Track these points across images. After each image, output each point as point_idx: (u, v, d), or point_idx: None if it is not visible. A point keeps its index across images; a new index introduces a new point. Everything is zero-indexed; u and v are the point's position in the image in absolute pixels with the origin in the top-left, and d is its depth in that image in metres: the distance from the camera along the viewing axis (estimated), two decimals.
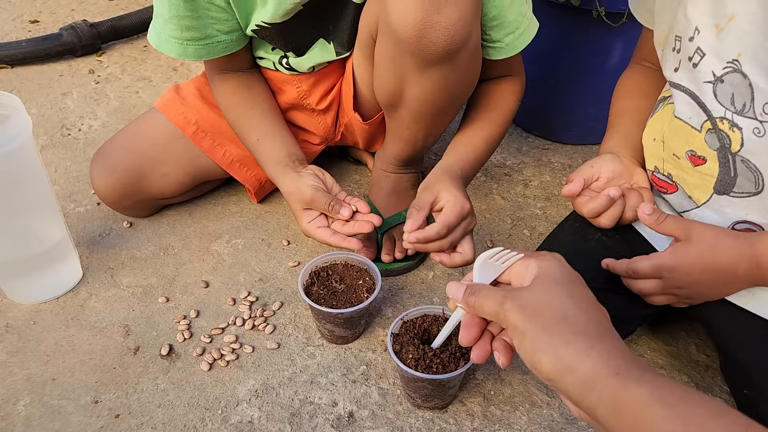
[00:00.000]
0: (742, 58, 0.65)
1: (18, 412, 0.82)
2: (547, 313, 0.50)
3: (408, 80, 0.87)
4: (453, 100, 0.92)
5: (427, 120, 0.94)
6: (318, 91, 1.08)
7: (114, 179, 1.04)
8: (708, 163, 0.72)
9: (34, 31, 1.82)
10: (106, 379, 0.86)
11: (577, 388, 0.47)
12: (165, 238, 1.11)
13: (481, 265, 0.60)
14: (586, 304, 0.52)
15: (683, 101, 0.73)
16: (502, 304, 0.53)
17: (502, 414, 0.82)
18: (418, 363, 0.76)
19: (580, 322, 0.50)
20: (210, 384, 0.86)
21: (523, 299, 0.52)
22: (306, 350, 0.91)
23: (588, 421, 0.49)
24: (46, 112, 1.46)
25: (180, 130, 1.08)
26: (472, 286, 0.58)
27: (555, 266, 0.55)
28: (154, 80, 1.60)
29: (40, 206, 0.93)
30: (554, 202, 1.20)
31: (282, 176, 0.97)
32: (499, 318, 0.54)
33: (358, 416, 0.82)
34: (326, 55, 1.01)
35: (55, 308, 0.97)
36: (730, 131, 0.68)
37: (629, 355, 0.48)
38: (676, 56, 0.73)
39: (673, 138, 0.75)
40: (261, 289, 1.00)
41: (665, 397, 0.43)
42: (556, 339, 0.49)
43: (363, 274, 0.91)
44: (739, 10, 0.65)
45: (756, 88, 0.65)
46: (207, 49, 0.95)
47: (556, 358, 0.48)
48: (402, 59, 0.84)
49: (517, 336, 0.51)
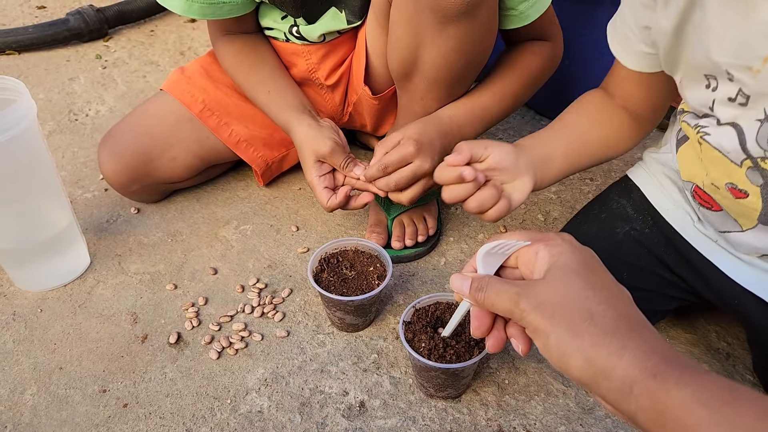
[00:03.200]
0: None
1: (25, 401, 0.81)
2: (570, 312, 0.46)
3: (425, 42, 0.83)
4: (468, 64, 0.88)
5: (441, 88, 0.90)
6: (327, 65, 1.06)
7: (122, 163, 1.03)
8: (750, 197, 0.66)
9: (41, 17, 1.80)
10: (114, 367, 0.85)
11: (613, 393, 0.44)
12: (173, 225, 1.09)
13: (483, 256, 0.56)
14: (610, 294, 0.48)
15: (721, 133, 0.65)
16: (517, 303, 0.49)
17: (516, 403, 0.80)
18: (431, 352, 0.74)
19: (608, 320, 0.46)
20: (219, 373, 0.84)
21: (540, 296, 0.48)
22: (316, 338, 0.89)
23: (627, 422, 0.46)
24: (53, 97, 1.44)
25: (187, 108, 1.06)
26: (479, 279, 0.53)
27: (568, 252, 0.51)
28: (162, 64, 1.58)
29: (46, 192, 0.92)
30: (568, 186, 1.17)
31: (297, 122, 0.95)
32: (514, 317, 0.50)
33: (370, 406, 0.80)
34: (337, 23, 0.99)
35: (62, 296, 0.96)
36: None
37: (665, 350, 0.45)
38: (710, 93, 0.65)
39: (711, 167, 0.69)
40: (270, 276, 0.99)
41: (709, 400, 0.40)
42: (585, 341, 0.45)
43: (374, 261, 0.89)
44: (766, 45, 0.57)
45: None
46: (212, 9, 0.95)
47: (586, 362, 0.44)
48: (420, 18, 0.81)
49: (540, 337, 0.48)
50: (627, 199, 0.84)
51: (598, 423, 0.77)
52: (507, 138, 1.29)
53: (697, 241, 0.77)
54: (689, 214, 0.78)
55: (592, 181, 1.18)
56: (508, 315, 0.51)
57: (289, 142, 1.13)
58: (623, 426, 0.77)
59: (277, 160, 1.14)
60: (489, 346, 0.56)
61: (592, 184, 1.18)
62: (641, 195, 0.83)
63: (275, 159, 1.13)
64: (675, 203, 0.80)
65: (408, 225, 1.02)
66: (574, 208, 1.11)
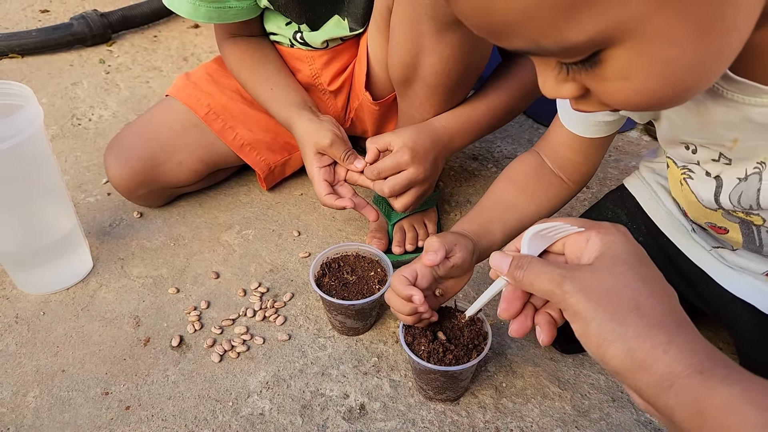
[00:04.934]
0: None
1: (27, 403, 0.82)
2: (616, 300, 0.45)
3: (424, 48, 0.85)
4: (467, 71, 0.89)
5: (440, 95, 0.92)
6: (330, 70, 1.07)
7: (129, 168, 1.04)
8: (731, 233, 0.68)
9: (45, 21, 1.82)
10: (116, 370, 0.86)
11: (651, 387, 0.43)
12: (175, 229, 1.10)
13: (531, 237, 0.54)
14: (659, 289, 0.47)
15: (701, 183, 0.66)
16: (560, 284, 0.47)
17: (514, 406, 0.81)
18: (431, 355, 0.75)
19: (655, 313, 0.44)
20: (221, 376, 0.85)
21: (587, 281, 0.46)
22: (317, 342, 0.90)
23: (657, 418, 0.45)
24: (56, 101, 1.45)
25: (192, 112, 1.08)
26: (520, 257, 0.51)
27: (621, 242, 0.49)
28: (165, 70, 1.59)
29: (50, 196, 0.93)
30: None
31: (299, 116, 0.97)
32: (555, 299, 0.48)
33: (370, 408, 0.81)
34: (340, 31, 1.00)
35: (65, 299, 0.97)
36: (747, 216, 0.64)
37: (711, 349, 0.43)
38: (692, 155, 0.65)
39: (691, 209, 0.71)
40: (272, 280, 1.00)
41: (758, 400, 0.39)
42: (630, 330, 0.44)
43: (374, 266, 0.90)
44: (738, 135, 0.58)
45: (763, 191, 0.59)
46: (218, 13, 0.96)
47: (627, 352, 0.43)
48: (419, 25, 0.82)
49: (579, 322, 0.46)
50: (621, 208, 0.85)
51: (593, 425, 0.79)
52: (505, 146, 1.31)
53: (689, 250, 0.78)
54: (684, 224, 0.79)
55: (588, 189, 1.20)
56: (548, 296, 0.49)
57: (292, 146, 1.14)
58: (617, 429, 0.78)
59: (280, 163, 1.15)
60: (513, 329, 0.55)
61: (588, 192, 1.19)
62: (636, 204, 0.84)
63: (278, 163, 1.15)
64: (669, 213, 0.81)
65: (408, 230, 1.04)
66: (571, 215, 1.13)
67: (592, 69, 0.43)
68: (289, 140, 1.14)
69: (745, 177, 0.61)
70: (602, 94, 0.46)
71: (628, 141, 1.33)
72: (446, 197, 1.17)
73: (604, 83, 0.44)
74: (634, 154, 1.29)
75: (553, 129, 0.81)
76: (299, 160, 1.17)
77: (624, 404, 0.81)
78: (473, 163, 1.26)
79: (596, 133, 0.76)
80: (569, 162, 0.80)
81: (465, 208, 1.15)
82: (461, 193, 1.19)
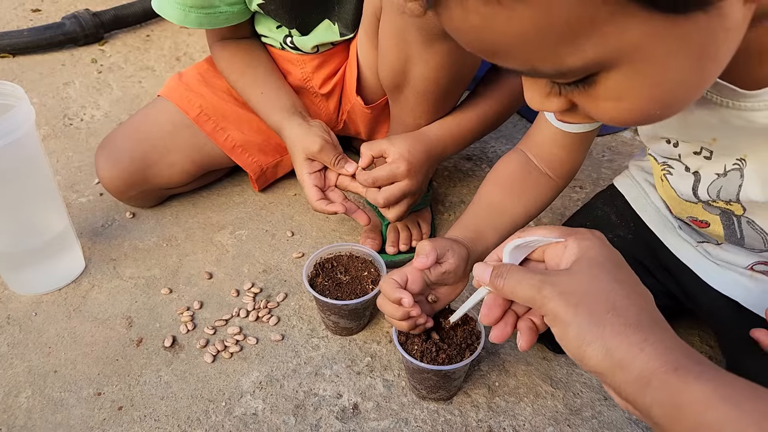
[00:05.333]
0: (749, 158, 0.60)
1: (19, 404, 0.81)
2: (593, 302, 0.46)
3: (413, 58, 0.86)
4: (456, 78, 0.90)
5: (431, 101, 0.92)
6: (321, 74, 1.07)
7: (120, 169, 1.04)
8: (712, 226, 0.69)
9: (36, 20, 1.81)
10: (109, 371, 0.86)
11: (630, 386, 0.43)
12: (168, 229, 1.10)
13: (512, 250, 0.55)
14: (634, 290, 0.48)
15: (680, 179, 0.68)
16: (540, 289, 0.48)
17: (506, 405, 0.81)
18: (424, 354, 0.76)
19: (631, 313, 0.45)
20: (214, 376, 0.85)
21: (564, 285, 0.48)
22: (310, 342, 0.90)
23: (638, 416, 0.46)
24: (47, 101, 1.45)
25: (184, 113, 1.07)
26: (500, 267, 0.53)
27: (596, 246, 0.50)
28: (157, 70, 1.59)
29: (42, 197, 0.92)
30: None
31: (288, 122, 0.97)
32: (535, 304, 0.49)
33: (363, 408, 0.81)
34: (330, 36, 1.01)
35: (57, 299, 0.96)
36: (727, 205, 0.65)
37: (685, 347, 0.44)
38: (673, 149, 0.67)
39: (673, 203, 0.72)
40: (265, 281, 1.00)
41: (732, 396, 0.40)
42: (606, 331, 0.44)
43: (368, 266, 0.90)
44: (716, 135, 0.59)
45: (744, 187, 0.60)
46: (208, 19, 0.96)
47: (606, 352, 0.44)
48: (407, 35, 0.83)
49: (559, 325, 0.47)
50: (611, 207, 0.86)
51: (585, 424, 0.79)
52: (499, 146, 1.31)
53: (676, 247, 0.80)
54: (671, 221, 0.80)
55: (582, 189, 1.20)
56: (529, 302, 0.50)
57: (283, 148, 1.14)
58: (609, 427, 0.79)
59: (272, 165, 1.15)
60: (493, 336, 0.56)
61: (582, 192, 1.19)
62: (625, 202, 0.85)
63: (270, 164, 1.15)
64: (657, 210, 0.82)
65: (402, 230, 1.04)
66: (564, 215, 1.13)
67: (584, 89, 0.43)
68: (280, 142, 1.14)
69: (724, 173, 0.62)
70: (591, 110, 0.46)
71: (621, 141, 1.33)
72: (440, 197, 1.18)
73: (596, 102, 0.45)
74: (628, 154, 1.29)
75: (538, 126, 0.82)
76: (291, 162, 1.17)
77: (615, 402, 0.81)
78: (467, 164, 1.26)
79: (582, 128, 0.77)
80: (555, 158, 0.81)
81: (459, 208, 1.15)
82: (455, 193, 1.19)
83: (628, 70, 0.41)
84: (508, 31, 0.38)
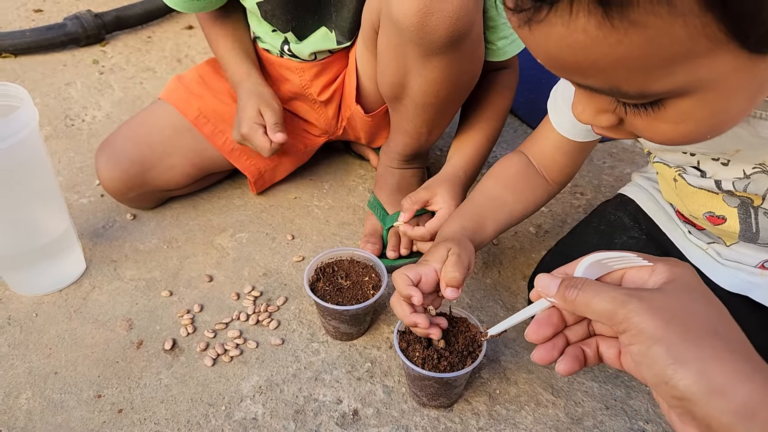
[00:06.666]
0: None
1: (20, 405, 0.81)
2: (690, 321, 0.41)
3: (411, 71, 0.86)
4: (457, 90, 0.91)
5: (430, 112, 0.93)
6: (320, 82, 1.08)
7: (120, 171, 1.04)
8: (728, 221, 0.69)
9: (38, 21, 1.81)
10: (109, 373, 0.85)
11: (728, 415, 0.39)
12: (169, 231, 1.10)
13: (589, 264, 0.49)
14: (733, 321, 0.44)
15: (695, 177, 0.68)
16: (624, 303, 0.43)
17: (507, 413, 0.81)
18: (425, 361, 0.76)
19: (734, 339, 0.41)
20: (213, 379, 0.85)
21: (656, 301, 0.42)
22: (310, 346, 0.90)
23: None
24: (49, 102, 1.45)
25: (183, 116, 1.08)
26: (574, 278, 0.47)
27: (691, 274, 0.46)
28: (159, 71, 1.59)
29: (44, 198, 0.92)
30: (559, 199, 1.19)
31: (256, 75, 1.05)
32: (615, 320, 0.43)
33: (363, 414, 0.81)
34: (327, 43, 1.01)
35: (58, 301, 0.96)
36: (746, 194, 0.65)
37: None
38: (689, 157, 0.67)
39: (688, 201, 0.72)
40: (265, 284, 1.00)
41: None
42: (707, 352, 0.40)
43: (369, 271, 0.90)
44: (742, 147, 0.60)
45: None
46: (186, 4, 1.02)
47: (701, 375, 0.39)
48: (405, 49, 0.83)
49: (643, 342, 0.42)
50: (623, 211, 0.87)
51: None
52: (500, 151, 1.31)
53: (687, 249, 0.80)
54: (680, 227, 0.81)
55: (582, 195, 1.20)
56: (607, 317, 0.44)
57: (282, 151, 1.14)
58: None
59: (270, 168, 1.15)
60: (536, 356, 0.50)
61: (582, 198, 1.20)
62: (636, 206, 0.87)
63: (268, 168, 1.15)
64: (667, 215, 0.83)
65: (403, 235, 1.04)
66: (565, 221, 1.13)
67: (649, 110, 0.44)
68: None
69: (745, 176, 0.63)
70: (643, 130, 0.47)
71: (622, 148, 1.33)
72: None
73: (652, 122, 0.45)
74: (629, 161, 1.30)
75: (542, 131, 0.84)
76: (289, 165, 1.18)
77: (617, 412, 0.82)
78: None
79: (587, 137, 0.79)
80: (555, 163, 0.84)
81: None
82: None
83: (700, 98, 0.42)
84: (611, 54, 0.39)
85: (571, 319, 0.52)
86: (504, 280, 1.01)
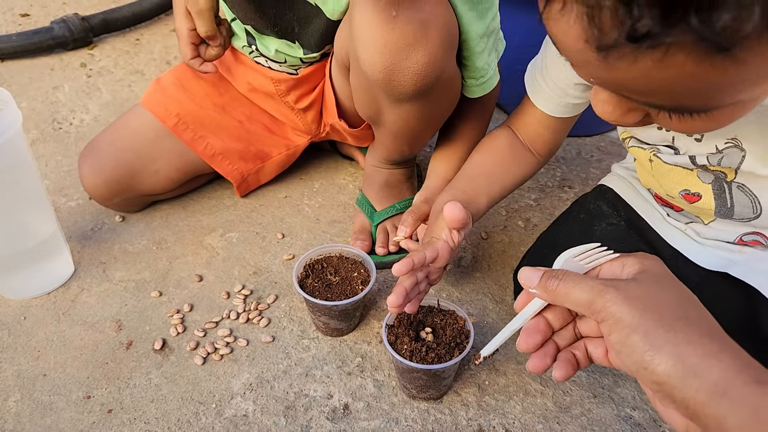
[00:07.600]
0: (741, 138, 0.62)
1: (8, 408, 0.81)
2: (662, 308, 0.43)
3: (383, 110, 0.87)
4: (432, 121, 0.92)
5: (409, 138, 0.95)
6: (296, 93, 1.08)
7: (104, 177, 1.03)
8: (704, 198, 0.71)
9: (25, 25, 1.80)
10: (99, 374, 0.85)
11: (702, 393, 0.41)
12: (158, 232, 1.10)
13: (564, 261, 0.51)
14: (703, 307, 0.46)
15: (670, 154, 0.70)
16: (602, 292, 0.45)
17: (496, 403, 0.82)
18: (413, 354, 0.76)
19: (703, 324, 0.43)
20: (204, 378, 0.85)
21: (630, 291, 0.45)
22: (301, 343, 0.90)
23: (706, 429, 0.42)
24: (37, 106, 1.44)
25: (162, 122, 1.06)
26: (555, 270, 0.49)
27: (660, 265, 0.48)
28: (147, 74, 1.59)
29: (30, 201, 0.92)
30: (547, 193, 1.19)
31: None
32: (593, 308, 0.45)
33: (354, 408, 0.81)
34: (294, 51, 1.00)
35: (46, 303, 0.96)
36: (722, 169, 0.67)
37: (760, 365, 0.42)
38: (665, 133, 0.69)
39: (664, 180, 0.74)
40: (255, 283, 1.00)
41: None
42: (679, 336, 0.42)
43: (357, 267, 0.91)
44: None
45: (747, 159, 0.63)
46: None
47: (677, 359, 0.41)
48: (375, 92, 0.84)
49: (621, 330, 0.44)
50: (602, 200, 0.89)
51: (574, 421, 0.79)
52: None
53: (666, 232, 0.82)
54: (658, 210, 0.83)
55: (571, 189, 1.21)
56: (586, 307, 0.46)
57: (265, 154, 1.13)
58: (598, 424, 0.79)
59: (253, 172, 1.15)
60: (531, 365, 0.52)
61: (570, 191, 1.20)
62: (615, 194, 0.89)
63: (251, 171, 1.14)
64: (645, 200, 0.85)
65: (392, 231, 1.04)
66: (553, 214, 1.14)
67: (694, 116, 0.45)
68: (262, 148, 1.14)
69: (718, 151, 0.64)
70: (675, 126, 0.48)
71: (610, 141, 1.34)
72: None
73: (688, 121, 0.46)
74: (616, 154, 1.30)
75: (525, 108, 0.88)
76: (273, 168, 1.17)
77: (605, 400, 0.82)
78: None
79: (566, 113, 0.83)
80: (540, 137, 0.88)
81: None
82: None
83: (744, 104, 0.43)
84: (697, 84, 0.39)
85: (557, 324, 0.53)
86: (493, 273, 1.02)
